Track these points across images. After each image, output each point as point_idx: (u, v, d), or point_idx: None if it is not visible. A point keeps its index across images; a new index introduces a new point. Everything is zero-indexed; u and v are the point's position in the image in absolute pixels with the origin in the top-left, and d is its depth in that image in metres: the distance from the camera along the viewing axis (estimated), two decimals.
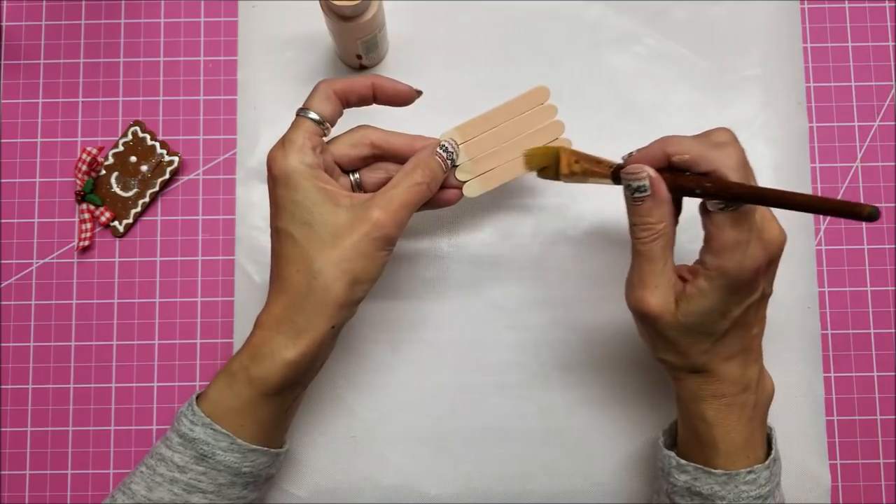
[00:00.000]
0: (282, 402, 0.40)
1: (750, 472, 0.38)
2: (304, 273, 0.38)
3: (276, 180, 0.39)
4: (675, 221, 0.39)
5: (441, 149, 0.42)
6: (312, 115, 0.40)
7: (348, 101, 0.41)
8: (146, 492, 0.38)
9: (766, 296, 0.39)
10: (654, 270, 0.38)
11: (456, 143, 0.43)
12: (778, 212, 0.50)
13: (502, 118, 0.44)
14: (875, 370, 0.50)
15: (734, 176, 0.35)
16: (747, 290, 0.37)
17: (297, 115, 0.40)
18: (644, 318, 0.38)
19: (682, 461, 0.40)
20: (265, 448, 0.40)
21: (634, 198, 0.38)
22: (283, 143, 0.39)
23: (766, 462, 0.39)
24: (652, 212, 0.37)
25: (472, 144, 0.44)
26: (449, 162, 0.43)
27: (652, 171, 0.37)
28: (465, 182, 0.44)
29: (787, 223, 0.50)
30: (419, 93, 0.43)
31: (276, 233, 0.39)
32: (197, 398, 0.40)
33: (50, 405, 0.50)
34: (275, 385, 0.38)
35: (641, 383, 0.49)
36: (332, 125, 0.41)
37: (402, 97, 0.42)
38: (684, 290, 0.38)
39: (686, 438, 0.41)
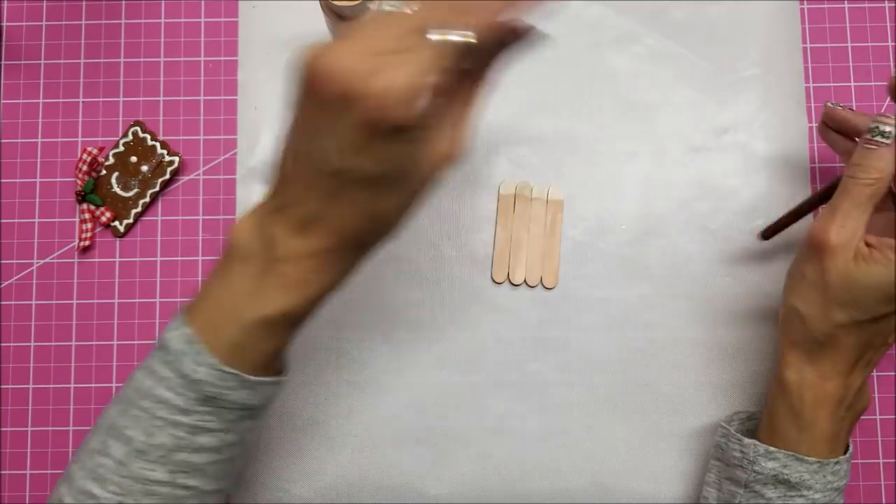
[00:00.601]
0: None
1: (837, 463, 0.40)
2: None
3: None
4: (891, 193, 0.40)
5: None
6: None
7: None
8: (145, 437, 0.35)
9: None
10: (849, 211, 0.38)
11: None
12: (781, 212, 0.50)
13: None
14: (875, 370, 0.50)
15: None
16: None
17: None
18: (817, 250, 0.39)
19: (772, 448, 0.40)
20: (273, 379, 0.37)
21: (870, 140, 0.39)
22: None
23: (847, 455, 0.41)
24: (881, 158, 0.38)
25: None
26: None
27: None
28: None
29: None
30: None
31: None
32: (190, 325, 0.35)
33: (50, 405, 0.50)
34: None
35: (642, 382, 0.49)
36: None
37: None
38: (870, 253, 0.38)
39: (772, 425, 0.42)
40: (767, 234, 0.48)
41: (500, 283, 0.49)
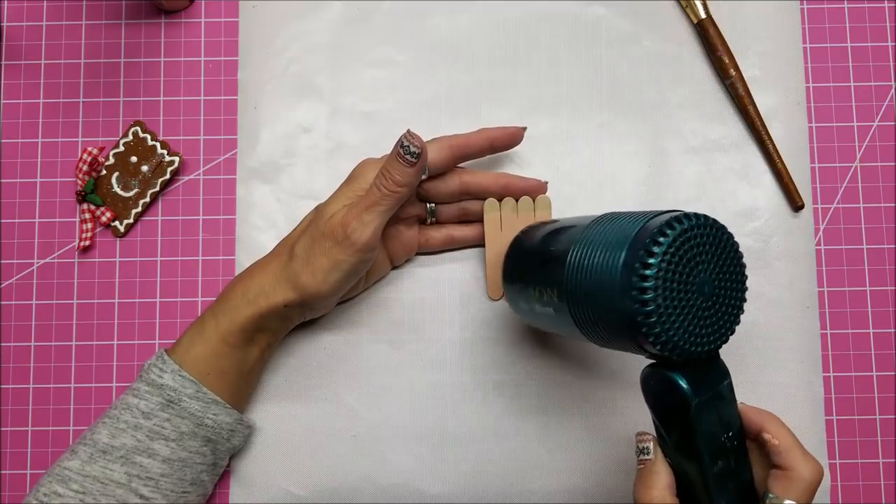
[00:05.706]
0: (243, 357, 0.44)
1: None
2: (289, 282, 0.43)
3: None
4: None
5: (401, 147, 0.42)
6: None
7: (465, 155, 0.46)
8: (109, 439, 0.41)
9: None
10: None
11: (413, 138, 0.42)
12: (780, 212, 0.50)
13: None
14: (874, 370, 0.50)
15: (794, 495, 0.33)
16: None
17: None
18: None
19: None
20: (226, 404, 0.44)
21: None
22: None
23: None
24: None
25: None
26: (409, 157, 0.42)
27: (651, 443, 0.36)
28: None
29: (786, 222, 0.50)
30: (524, 128, 0.48)
31: (319, 213, 0.44)
32: (166, 352, 0.44)
33: (51, 405, 0.50)
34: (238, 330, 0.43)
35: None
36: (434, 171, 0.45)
37: (515, 140, 0.47)
38: None
39: None
40: None
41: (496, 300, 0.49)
